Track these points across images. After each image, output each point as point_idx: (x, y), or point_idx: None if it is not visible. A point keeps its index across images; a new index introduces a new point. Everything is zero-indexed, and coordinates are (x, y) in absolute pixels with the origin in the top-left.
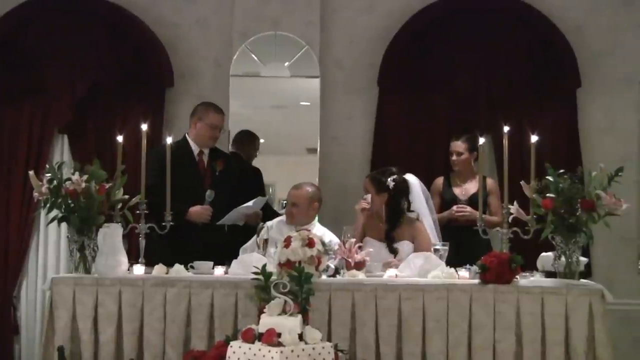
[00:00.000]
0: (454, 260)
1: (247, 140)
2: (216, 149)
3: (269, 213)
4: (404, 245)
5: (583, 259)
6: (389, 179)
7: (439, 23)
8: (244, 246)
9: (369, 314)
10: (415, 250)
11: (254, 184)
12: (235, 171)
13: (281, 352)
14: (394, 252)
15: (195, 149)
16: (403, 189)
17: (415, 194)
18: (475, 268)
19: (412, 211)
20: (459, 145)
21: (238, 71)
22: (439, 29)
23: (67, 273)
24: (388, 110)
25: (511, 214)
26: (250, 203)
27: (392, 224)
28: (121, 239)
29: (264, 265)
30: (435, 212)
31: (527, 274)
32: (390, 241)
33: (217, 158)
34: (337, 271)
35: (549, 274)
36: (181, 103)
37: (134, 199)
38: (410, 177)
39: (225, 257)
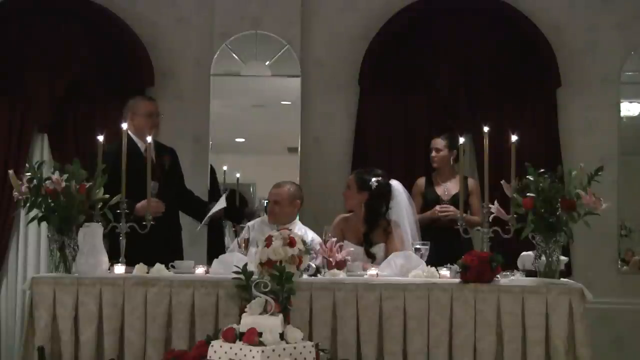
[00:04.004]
0: (435, 260)
1: None
2: (159, 143)
3: (232, 207)
4: (380, 250)
5: (563, 258)
6: (372, 179)
7: (419, 22)
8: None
9: (350, 313)
10: (387, 253)
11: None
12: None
13: (262, 351)
14: (371, 257)
15: (141, 145)
16: (384, 192)
17: (400, 202)
18: (456, 267)
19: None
20: (438, 142)
21: (219, 70)
22: (420, 28)
23: (47, 273)
24: (369, 109)
25: (492, 213)
26: (222, 200)
27: (370, 225)
28: (101, 238)
29: (245, 265)
30: (417, 221)
31: (508, 273)
32: (368, 245)
33: (163, 153)
34: (318, 270)
35: (530, 273)
36: (162, 102)
37: (114, 199)
38: (396, 185)
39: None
